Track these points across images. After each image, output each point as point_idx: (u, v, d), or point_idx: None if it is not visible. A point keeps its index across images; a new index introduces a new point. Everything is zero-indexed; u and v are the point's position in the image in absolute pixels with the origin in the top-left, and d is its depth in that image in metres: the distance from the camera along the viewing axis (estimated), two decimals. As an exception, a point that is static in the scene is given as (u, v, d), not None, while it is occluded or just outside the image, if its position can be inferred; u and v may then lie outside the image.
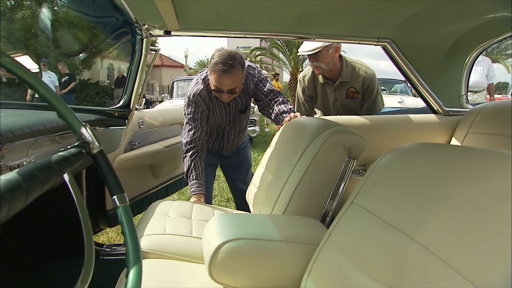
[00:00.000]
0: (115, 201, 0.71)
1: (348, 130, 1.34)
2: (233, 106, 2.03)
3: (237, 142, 2.24)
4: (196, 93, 1.94)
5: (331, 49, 2.13)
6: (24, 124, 1.25)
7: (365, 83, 2.23)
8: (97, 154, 0.72)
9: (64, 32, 3.92)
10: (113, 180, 0.72)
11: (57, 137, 1.49)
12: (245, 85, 2.00)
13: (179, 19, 1.54)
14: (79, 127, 0.70)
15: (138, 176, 2.32)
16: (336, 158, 1.32)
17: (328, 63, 2.17)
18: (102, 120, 1.89)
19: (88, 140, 0.70)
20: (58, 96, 0.67)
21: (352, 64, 2.25)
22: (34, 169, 0.55)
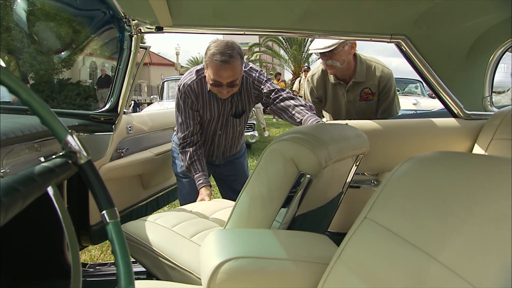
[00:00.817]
0: (104, 216, 0.71)
1: (295, 139, 1.27)
2: (227, 106, 2.05)
3: (230, 150, 2.26)
4: (187, 83, 1.99)
5: (347, 46, 2.13)
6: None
7: (381, 83, 2.24)
8: (85, 165, 0.72)
9: (42, 25, 3.93)
10: (103, 193, 0.73)
11: (36, 144, 1.50)
12: (245, 87, 2.03)
13: (172, 14, 1.56)
14: (65, 135, 0.70)
15: (126, 187, 2.32)
16: (277, 169, 1.26)
17: (343, 61, 2.17)
18: (86, 126, 1.89)
19: (74, 149, 0.71)
20: (42, 100, 0.68)
21: (367, 62, 2.26)
22: (15, 182, 0.56)
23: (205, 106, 2.03)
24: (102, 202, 0.72)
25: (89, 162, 0.73)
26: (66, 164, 0.68)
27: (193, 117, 2.03)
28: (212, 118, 2.07)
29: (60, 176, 0.66)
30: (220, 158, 2.26)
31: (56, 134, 0.70)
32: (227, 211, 1.98)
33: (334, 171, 1.53)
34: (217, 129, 2.12)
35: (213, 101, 2.02)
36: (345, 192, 1.76)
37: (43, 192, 0.63)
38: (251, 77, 2.03)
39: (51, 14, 3.46)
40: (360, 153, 1.63)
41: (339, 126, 1.66)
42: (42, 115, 0.67)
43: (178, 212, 1.85)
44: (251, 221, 1.33)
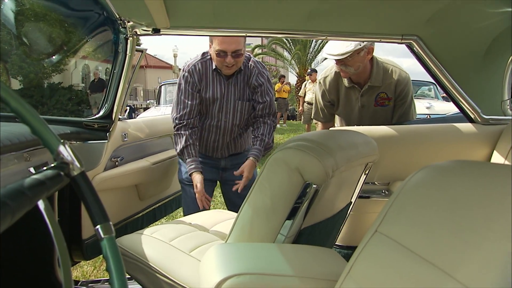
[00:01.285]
0: (98, 231, 0.71)
1: (300, 147, 1.27)
2: (231, 89, 2.19)
3: (235, 145, 2.32)
4: (191, 63, 2.17)
5: (362, 51, 2.12)
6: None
7: (398, 88, 2.24)
8: (78, 177, 0.72)
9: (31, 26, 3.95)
10: (97, 206, 0.73)
11: (25, 154, 1.50)
12: (249, 73, 2.20)
13: (169, 15, 1.57)
14: (57, 145, 0.71)
15: (121, 198, 2.32)
16: (281, 179, 1.27)
17: (358, 67, 2.18)
18: (79, 133, 1.90)
19: (67, 160, 0.71)
20: (32, 108, 0.68)
21: (384, 65, 2.26)
22: (3, 196, 0.56)
23: (208, 86, 2.17)
24: (96, 216, 0.72)
25: (82, 174, 0.73)
26: (58, 177, 0.69)
27: (192, 98, 2.15)
28: (215, 100, 2.19)
29: (51, 189, 0.67)
30: (225, 153, 2.32)
31: (48, 144, 0.70)
32: (228, 223, 1.98)
33: (342, 181, 1.53)
34: (222, 115, 2.22)
35: (217, 82, 2.17)
36: (354, 202, 1.76)
37: (33, 206, 0.64)
38: (258, 69, 2.20)
39: (41, 14, 3.49)
40: (370, 161, 1.63)
41: (347, 132, 1.66)
42: (33, 124, 0.68)
43: (177, 224, 1.85)
44: (254, 234, 1.32)
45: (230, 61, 2.05)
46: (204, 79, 2.16)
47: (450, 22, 1.73)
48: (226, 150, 2.31)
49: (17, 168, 1.45)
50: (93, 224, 0.73)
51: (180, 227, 1.81)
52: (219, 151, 2.31)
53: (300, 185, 1.27)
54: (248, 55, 2.27)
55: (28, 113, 0.66)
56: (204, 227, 1.90)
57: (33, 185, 0.63)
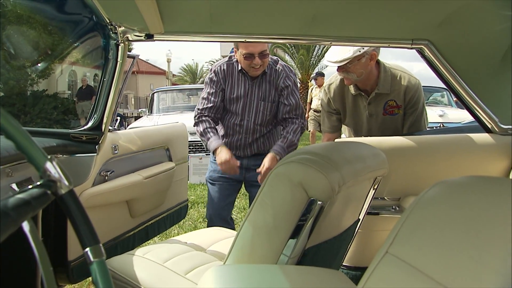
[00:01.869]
0: (88, 254, 0.71)
1: (303, 161, 1.28)
2: (255, 89, 2.52)
3: (259, 146, 2.59)
4: (217, 64, 2.58)
5: (364, 58, 2.15)
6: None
7: (407, 95, 2.25)
8: (66, 195, 0.73)
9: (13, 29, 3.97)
10: (86, 227, 0.73)
11: (7, 169, 1.50)
12: (275, 75, 2.52)
13: (164, 20, 1.59)
14: (44, 162, 0.71)
15: (110, 215, 2.32)
16: (284, 195, 1.27)
17: (360, 74, 2.20)
18: (66, 146, 1.91)
19: (54, 177, 0.72)
20: (17, 122, 0.69)
21: (392, 71, 2.28)
22: (-15, 218, 0.56)
23: (233, 85, 2.53)
24: (86, 238, 0.72)
25: (70, 192, 0.73)
26: (44, 195, 0.69)
27: (215, 95, 2.53)
28: (239, 99, 2.53)
29: (37, 209, 0.67)
30: (247, 153, 2.59)
31: (34, 161, 0.70)
32: (226, 242, 1.97)
33: (349, 196, 1.53)
34: (245, 114, 2.54)
35: (241, 81, 2.52)
36: (362, 220, 1.76)
37: (17, 227, 0.64)
38: (286, 72, 2.52)
39: (24, 17, 3.52)
40: (379, 175, 1.63)
41: (353, 144, 1.66)
42: (17, 139, 0.68)
43: (171, 244, 1.85)
44: (255, 255, 1.32)
45: (258, 62, 2.37)
46: (230, 78, 2.53)
47: (463, 25, 1.74)
48: (249, 149, 2.59)
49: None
50: (81, 247, 0.73)
51: (175, 247, 1.81)
52: (242, 150, 2.59)
53: (304, 201, 1.27)
54: (276, 58, 2.63)
55: (12, 127, 0.67)
56: (201, 247, 1.89)
57: (17, 205, 0.63)
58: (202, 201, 5.32)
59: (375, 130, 2.37)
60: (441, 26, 1.74)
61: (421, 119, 2.32)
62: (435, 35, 1.84)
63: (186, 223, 4.36)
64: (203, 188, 6.19)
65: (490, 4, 1.59)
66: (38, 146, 0.70)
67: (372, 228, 2.11)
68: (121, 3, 1.51)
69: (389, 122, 2.33)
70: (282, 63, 2.61)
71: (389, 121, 2.32)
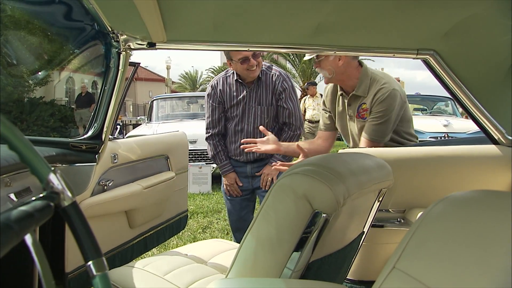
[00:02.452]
0: (90, 268, 0.71)
1: (307, 172, 1.28)
2: (252, 95, 2.75)
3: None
4: (214, 79, 2.89)
5: (331, 56, 2.23)
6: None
7: (375, 97, 2.21)
8: (69, 207, 0.73)
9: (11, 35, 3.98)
10: (89, 240, 0.73)
11: (6, 178, 1.51)
12: (270, 80, 2.73)
13: (166, 28, 1.60)
14: (47, 174, 0.71)
15: (109, 226, 2.31)
16: (288, 207, 1.27)
17: (331, 72, 2.28)
18: (65, 155, 1.91)
19: (57, 189, 0.72)
20: (22, 135, 0.69)
21: (373, 76, 2.29)
22: (-12, 231, 0.56)
23: (231, 93, 2.79)
24: (88, 251, 0.73)
25: (73, 204, 0.74)
26: (47, 208, 0.69)
27: (215, 110, 2.83)
28: (238, 105, 2.77)
29: (40, 221, 0.67)
30: (250, 157, 2.80)
31: (37, 172, 0.71)
32: (227, 254, 1.97)
33: (354, 209, 1.53)
34: (244, 119, 2.79)
35: (238, 89, 2.77)
36: (366, 232, 1.75)
37: (20, 240, 0.64)
38: (282, 76, 2.75)
39: (25, 23, 3.53)
40: (384, 187, 1.63)
41: (358, 155, 1.67)
42: (22, 151, 0.68)
43: (171, 256, 1.85)
44: (258, 268, 1.32)
45: (254, 63, 2.59)
46: (227, 88, 2.79)
47: (469, 35, 1.75)
48: (251, 153, 2.75)
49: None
50: (84, 260, 0.73)
51: (175, 259, 1.81)
52: (245, 155, 2.80)
53: (308, 214, 1.27)
54: (270, 64, 2.87)
55: (17, 139, 0.67)
56: (202, 259, 1.89)
57: (20, 218, 0.63)
58: (202, 211, 5.32)
59: (356, 133, 2.38)
60: (447, 36, 1.75)
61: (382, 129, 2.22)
62: (441, 45, 1.86)
63: (185, 234, 4.36)
64: (203, 197, 6.19)
65: (497, 14, 1.60)
66: (42, 158, 0.70)
67: (376, 241, 2.10)
68: (124, 11, 1.53)
69: (361, 126, 2.33)
70: (277, 68, 2.83)
71: (361, 125, 2.33)
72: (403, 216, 2.11)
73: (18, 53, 4.24)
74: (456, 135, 7.05)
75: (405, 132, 2.38)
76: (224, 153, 2.87)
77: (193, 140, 6.75)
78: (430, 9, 1.53)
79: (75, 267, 2.06)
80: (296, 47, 1.89)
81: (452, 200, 0.90)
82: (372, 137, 2.24)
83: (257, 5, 1.47)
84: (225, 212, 5.30)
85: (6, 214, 0.62)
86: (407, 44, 1.87)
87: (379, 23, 1.66)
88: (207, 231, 4.60)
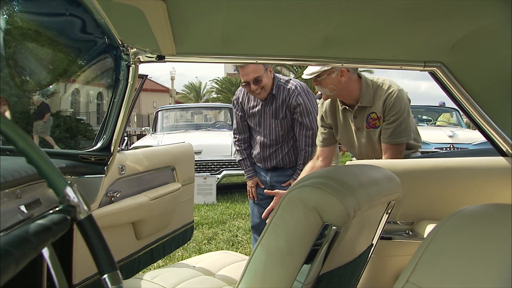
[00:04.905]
0: (106, 281, 0.72)
1: (318, 185, 1.28)
2: (267, 108, 2.91)
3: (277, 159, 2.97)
4: (239, 88, 3.10)
5: (334, 73, 2.23)
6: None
7: (385, 104, 2.25)
8: (85, 221, 0.74)
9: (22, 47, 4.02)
10: (104, 254, 0.74)
11: (17, 190, 1.52)
12: (288, 95, 2.84)
13: (176, 41, 1.61)
14: (64, 187, 0.72)
15: (116, 237, 2.32)
16: (298, 220, 1.27)
17: (332, 90, 2.29)
18: (75, 167, 1.92)
19: (73, 202, 0.73)
20: (40, 149, 0.70)
21: (374, 83, 2.32)
22: (7, 244, 0.57)
23: (249, 104, 2.99)
24: (104, 264, 0.73)
25: (89, 218, 0.74)
26: (64, 221, 0.70)
27: (239, 118, 3.10)
28: (254, 116, 2.97)
29: (57, 235, 0.68)
30: (268, 165, 3.01)
31: (54, 186, 0.72)
32: (235, 266, 1.97)
33: (363, 221, 1.53)
34: (261, 130, 2.97)
35: (256, 102, 2.95)
36: (375, 245, 1.75)
37: (38, 253, 0.65)
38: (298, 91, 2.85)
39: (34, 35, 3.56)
40: (393, 199, 1.63)
41: (367, 167, 1.66)
42: (40, 166, 0.69)
43: (179, 268, 1.85)
44: (268, 280, 1.32)
45: (254, 88, 2.72)
46: (246, 99, 3.02)
47: (477, 47, 1.75)
48: (268, 162, 3.00)
49: (6, 207, 1.46)
50: (99, 273, 0.73)
51: (183, 271, 1.80)
52: (263, 163, 3.03)
53: (318, 226, 1.27)
54: (288, 78, 3.00)
55: (36, 154, 0.68)
56: (210, 271, 1.89)
57: (38, 232, 0.64)
58: (207, 222, 5.31)
59: (364, 145, 2.39)
60: (454, 49, 1.76)
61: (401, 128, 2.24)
62: (448, 57, 1.86)
63: (190, 245, 4.35)
64: (208, 208, 6.18)
65: (505, 26, 1.60)
66: (59, 172, 0.71)
67: (385, 253, 2.09)
68: (135, 25, 1.54)
69: (373, 136, 2.34)
70: (295, 82, 2.94)
71: (373, 134, 2.34)
72: (411, 228, 2.10)
73: (29, 65, 4.27)
74: (461, 146, 7.03)
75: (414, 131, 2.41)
76: (249, 160, 3.14)
77: (198, 151, 6.77)
78: (437, 21, 1.53)
79: (82, 279, 2.06)
80: (304, 60, 1.90)
81: (464, 214, 0.90)
82: (396, 141, 2.25)
83: (266, 18, 1.48)
84: (230, 223, 5.31)
85: (24, 228, 0.63)
86: (414, 57, 1.88)
87: (387, 36, 1.67)
88: (212, 242, 4.59)
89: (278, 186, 2.95)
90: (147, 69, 58.10)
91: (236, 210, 6.03)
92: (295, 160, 3.02)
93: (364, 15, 1.45)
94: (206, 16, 1.46)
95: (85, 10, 1.73)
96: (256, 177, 3.12)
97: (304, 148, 2.91)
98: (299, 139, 2.92)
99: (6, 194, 1.46)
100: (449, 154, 3.89)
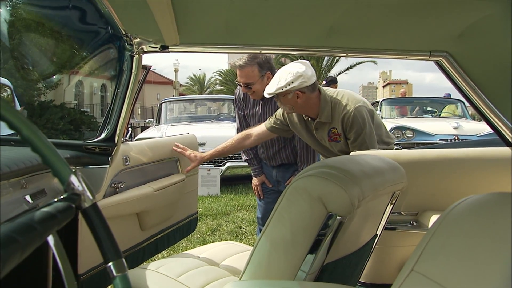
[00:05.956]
0: (111, 269, 0.72)
1: (322, 175, 1.28)
2: (266, 107, 2.90)
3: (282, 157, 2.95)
4: (238, 88, 3.00)
5: (290, 94, 2.25)
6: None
7: (344, 124, 2.30)
8: (89, 209, 0.74)
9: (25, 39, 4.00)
10: (109, 242, 0.74)
11: (22, 180, 1.52)
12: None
13: (180, 31, 1.61)
14: (68, 175, 0.72)
15: (120, 228, 2.32)
16: (302, 209, 1.27)
17: (291, 108, 2.36)
18: (79, 158, 1.93)
19: (78, 190, 0.73)
20: (45, 137, 0.70)
21: (333, 100, 2.35)
22: (13, 232, 0.57)
23: (248, 103, 3.01)
24: (108, 252, 0.73)
25: (94, 206, 0.74)
26: (69, 209, 0.70)
27: (243, 118, 3.09)
28: (254, 115, 2.97)
29: (62, 222, 0.68)
30: (273, 163, 2.99)
31: (59, 174, 0.72)
32: (239, 256, 1.97)
33: (368, 211, 1.53)
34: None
35: (254, 101, 2.94)
36: (379, 235, 1.75)
37: (43, 241, 0.65)
38: None
39: (36, 26, 3.55)
40: (397, 189, 1.63)
41: (372, 158, 1.66)
42: (45, 154, 0.69)
43: (184, 258, 1.86)
44: (272, 270, 1.32)
45: (244, 91, 2.80)
46: (247, 98, 2.98)
47: (483, 37, 1.74)
48: (273, 160, 2.99)
49: (11, 197, 1.47)
50: (104, 261, 0.74)
51: (188, 261, 1.81)
52: (268, 161, 3.02)
53: (322, 216, 1.27)
54: None
55: (40, 142, 0.68)
56: (214, 261, 1.89)
57: (43, 219, 0.64)
58: (210, 214, 5.33)
59: (330, 150, 2.47)
60: (460, 38, 1.74)
61: (367, 142, 2.31)
62: (454, 47, 1.84)
63: (194, 236, 4.37)
64: (211, 200, 6.20)
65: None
66: (63, 160, 0.71)
67: (389, 243, 2.10)
68: (138, 15, 1.54)
69: (335, 147, 2.42)
70: None
71: (334, 146, 2.41)
72: (415, 219, 2.10)
73: (32, 56, 4.27)
74: (466, 137, 7.00)
75: (383, 135, 2.50)
76: (256, 159, 3.10)
77: (202, 143, 6.77)
78: (443, 10, 1.52)
79: (88, 269, 2.07)
80: (309, 49, 1.89)
81: (469, 203, 0.90)
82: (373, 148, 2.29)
83: (270, 7, 1.47)
84: (233, 215, 5.32)
85: (29, 215, 0.63)
86: (419, 46, 1.86)
87: (392, 25, 1.66)
88: (216, 233, 4.61)
89: (283, 182, 2.98)
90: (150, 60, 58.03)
91: (240, 201, 6.04)
92: None
93: (369, 4, 1.44)
94: (210, 5, 1.45)
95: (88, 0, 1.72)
96: (262, 175, 3.11)
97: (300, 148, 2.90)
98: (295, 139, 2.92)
99: (11, 184, 1.46)
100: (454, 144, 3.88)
